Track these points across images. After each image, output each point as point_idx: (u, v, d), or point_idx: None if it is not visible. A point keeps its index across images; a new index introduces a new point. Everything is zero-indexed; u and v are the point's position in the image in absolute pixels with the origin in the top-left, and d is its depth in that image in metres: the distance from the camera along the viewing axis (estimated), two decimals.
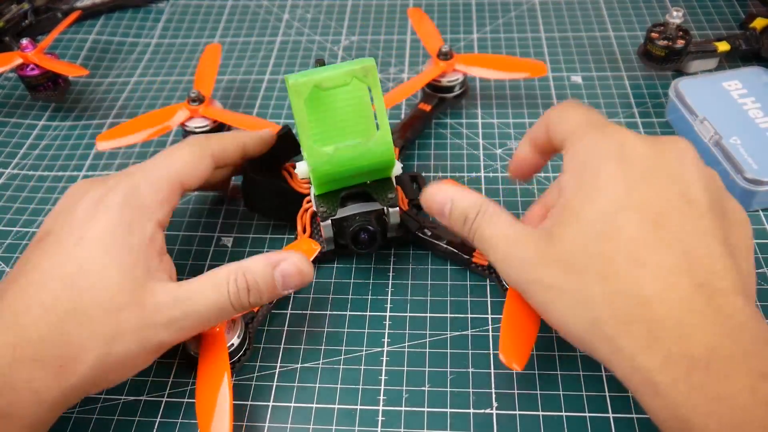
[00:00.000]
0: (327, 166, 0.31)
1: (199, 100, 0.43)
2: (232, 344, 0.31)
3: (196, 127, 0.43)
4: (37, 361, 0.25)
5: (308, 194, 0.37)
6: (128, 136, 0.42)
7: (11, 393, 0.24)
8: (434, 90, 0.45)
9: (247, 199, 0.38)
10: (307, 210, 0.36)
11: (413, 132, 0.43)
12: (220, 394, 0.28)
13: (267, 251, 0.33)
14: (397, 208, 0.33)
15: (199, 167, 0.31)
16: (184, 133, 0.44)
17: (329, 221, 0.33)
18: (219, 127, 0.43)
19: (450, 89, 0.45)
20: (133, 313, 0.26)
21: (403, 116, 0.46)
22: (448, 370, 0.32)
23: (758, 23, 0.48)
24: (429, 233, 0.36)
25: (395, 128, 0.43)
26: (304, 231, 0.36)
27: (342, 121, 0.32)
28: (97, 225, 0.27)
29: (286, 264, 0.28)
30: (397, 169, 0.33)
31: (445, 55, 0.44)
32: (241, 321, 0.32)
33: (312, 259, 0.35)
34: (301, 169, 0.34)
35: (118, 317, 0.26)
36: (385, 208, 0.33)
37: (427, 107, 0.44)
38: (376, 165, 0.31)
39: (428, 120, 0.44)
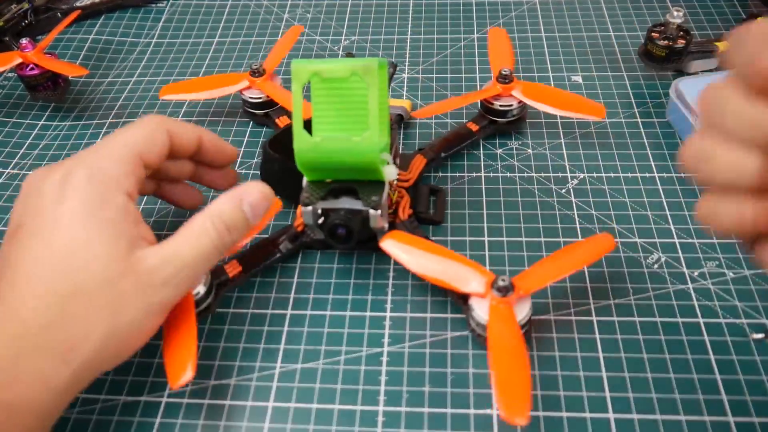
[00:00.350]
0: (311, 153, 0.31)
1: (259, 72, 0.44)
2: (198, 292, 0.32)
3: (250, 97, 0.45)
4: (44, 348, 0.25)
5: None
6: (191, 93, 0.46)
7: (19, 385, 0.24)
8: (486, 111, 0.44)
9: (263, 174, 0.39)
10: None
11: (449, 148, 0.42)
12: (187, 334, 0.29)
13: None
14: (379, 212, 0.32)
15: (157, 140, 0.31)
16: (243, 102, 0.46)
17: (309, 208, 0.32)
18: (272, 102, 0.45)
19: (502, 114, 0.43)
20: (129, 282, 0.26)
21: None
22: (449, 370, 0.32)
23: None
24: None
25: (434, 140, 0.42)
26: None
27: (352, 116, 0.31)
28: (69, 205, 0.27)
29: (250, 197, 0.30)
30: (392, 173, 0.33)
31: (504, 78, 0.42)
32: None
33: (302, 238, 0.36)
34: None
35: (117, 288, 0.26)
36: (368, 209, 0.32)
37: (475, 127, 0.43)
38: (361, 164, 0.31)
39: (469, 140, 0.43)
